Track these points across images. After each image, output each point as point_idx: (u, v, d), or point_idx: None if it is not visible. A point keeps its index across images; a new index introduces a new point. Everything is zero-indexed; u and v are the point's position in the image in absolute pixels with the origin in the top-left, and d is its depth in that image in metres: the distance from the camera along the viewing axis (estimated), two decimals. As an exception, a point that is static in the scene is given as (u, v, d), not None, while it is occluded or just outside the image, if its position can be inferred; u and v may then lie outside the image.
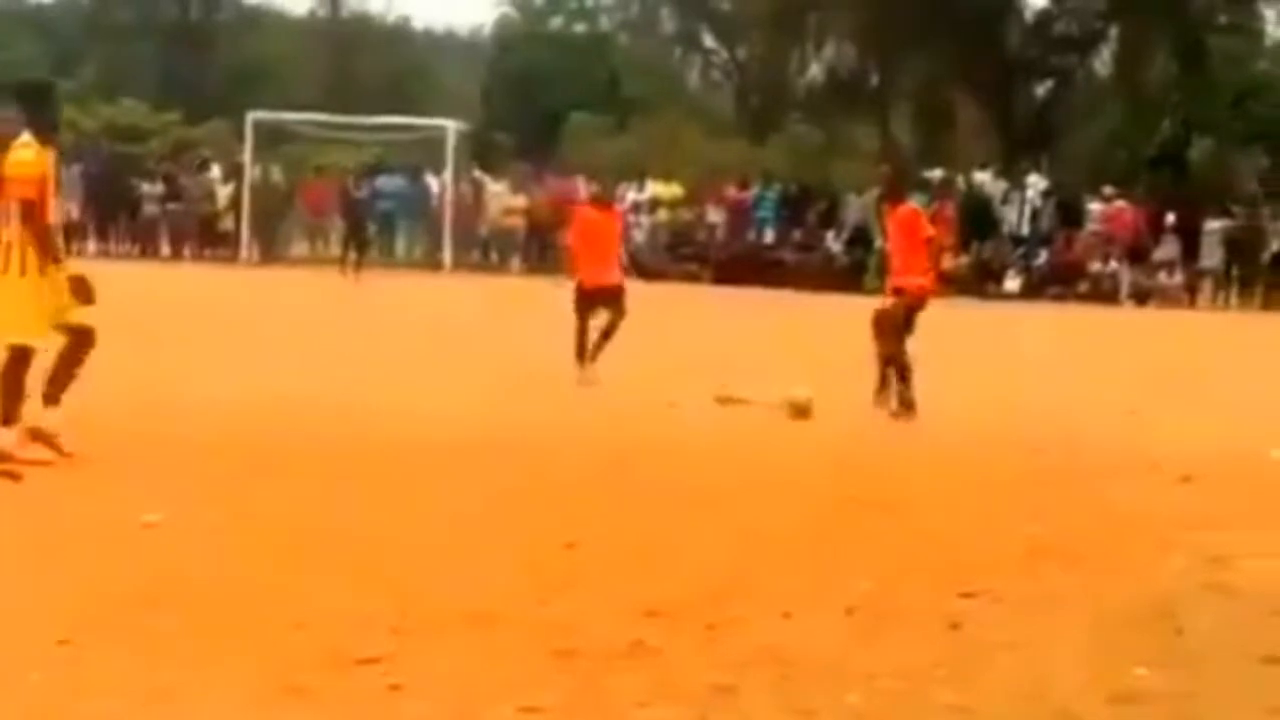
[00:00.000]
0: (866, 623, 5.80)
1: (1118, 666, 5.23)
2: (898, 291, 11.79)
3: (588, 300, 13.58)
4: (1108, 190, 29.51)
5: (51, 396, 8.28)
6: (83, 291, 8.25)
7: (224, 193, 32.18)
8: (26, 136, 8.24)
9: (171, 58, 53.18)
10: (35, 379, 8.29)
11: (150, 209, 31.59)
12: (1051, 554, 7.00)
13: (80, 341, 8.27)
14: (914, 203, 12.57)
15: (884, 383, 11.59)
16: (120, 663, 4.98)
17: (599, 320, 13.32)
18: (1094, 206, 29.40)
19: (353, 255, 28.59)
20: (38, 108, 8.46)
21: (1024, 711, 4.79)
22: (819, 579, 6.43)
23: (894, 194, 12.34)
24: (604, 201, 14.79)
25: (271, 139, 34.74)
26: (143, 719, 4.50)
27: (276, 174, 33.50)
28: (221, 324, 8.64)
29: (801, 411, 10.87)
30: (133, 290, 20.71)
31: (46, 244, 8.19)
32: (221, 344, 8.55)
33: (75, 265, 8.34)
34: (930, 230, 12.34)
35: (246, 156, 32.28)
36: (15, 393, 8.20)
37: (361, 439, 9.30)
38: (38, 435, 8.23)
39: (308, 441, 9.19)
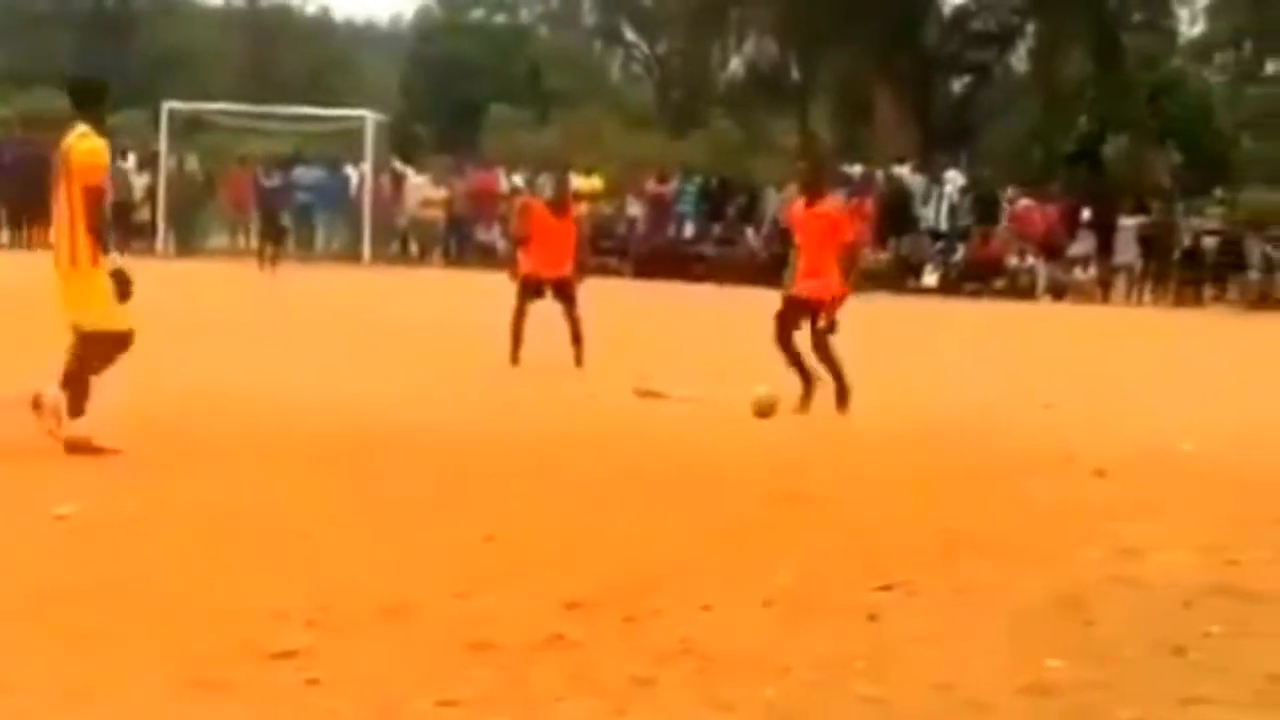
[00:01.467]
0: (785, 615, 5.83)
1: (1030, 658, 5.29)
2: (801, 299, 11.39)
3: (532, 289, 13.54)
4: (1010, 192, 29.71)
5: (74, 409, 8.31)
6: (123, 286, 8.32)
7: (140, 183, 31.82)
8: (85, 128, 8.34)
9: (87, 46, 52.53)
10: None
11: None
12: (967, 547, 7.06)
13: (98, 348, 8.33)
14: (835, 200, 12.22)
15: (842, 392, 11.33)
16: (32, 658, 4.93)
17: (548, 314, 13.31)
18: (1014, 201, 29.66)
19: (269, 247, 28.37)
20: (94, 103, 8.59)
21: (936, 703, 4.84)
22: (737, 572, 6.45)
23: (813, 190, 11.78)
24: (562, 206, 14.38)
25: (188, 129, 34.39)
26: (57, 715, 4.45)
27: (193, 164, 33.17)
28: (134, 316, 8.53)
29: (765, 410, 10.81)
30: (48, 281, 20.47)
31: (105, 235, 8.36)
32: (136, 336, 8.52)
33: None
34: (851, 234, 12.06)
35: (162, 146, 31.95)
36: (86, 386, 8.29)
37: (278, 431, 9.24)
38: (73, 447, 8.24)
39: (223, 434, 9.12)
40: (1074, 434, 10.69)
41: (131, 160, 32.62)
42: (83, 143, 8.28)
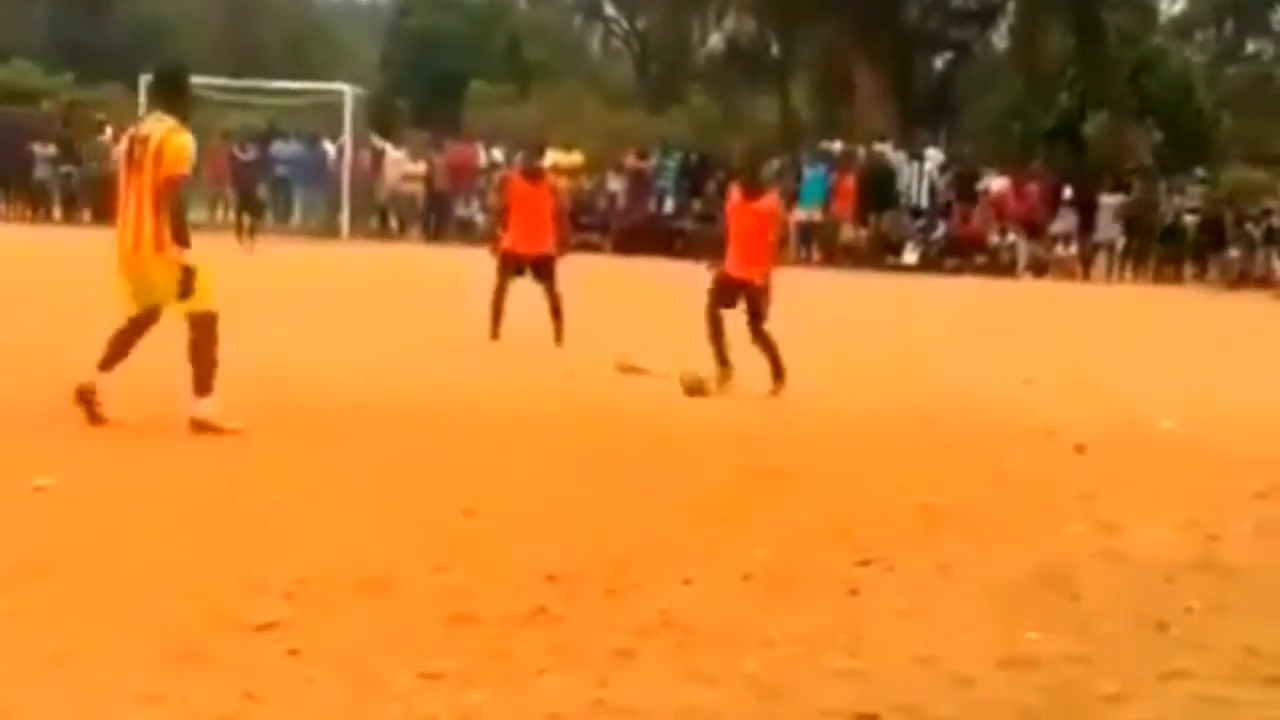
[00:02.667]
0: (764, 589, 5.83)
1: (1011, 631, 5.30)
2: (735, 279, 11.23)
3: (513, 265, 13.50)
4: (986, 177, 29.61)
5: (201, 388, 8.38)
6: (186, 282, 8.37)
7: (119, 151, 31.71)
8: (169, 120, 8.43)
9: (64, 18, 52.27)
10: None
11: (42, 172, 31.03)
12: (947, 522, 7.07)
13: (207, 327, 8.39)
14: (771, 197, 11.98)
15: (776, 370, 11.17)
16: (11, 629, 4.91)
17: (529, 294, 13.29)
18: (989, 183, 29.64)
19: (246, 222, 28.22)
20: (176, 93, 8.67)
21: (918, 676, 4.84)
22: (717, 546, 6.45)
23: (751, 184, 11.45)
24: (535, 173, 14.34)
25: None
26: (37, 685, 4.44)
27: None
28: (110, 290, 8.52)
29: (696, 389, 10.82)
30: (25, 254, 20.40)
31: (183, 225, 8.47)
32: (113, 311, 8.50)
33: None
34: (777, 235, 11.91)
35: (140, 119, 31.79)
36: (211, 361, 8.36)
37: (256, 405, 9.20)
38: (198, 427, 8.28)
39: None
40: (1054, 410, 10.71)
41: (109, 133, 32.46)
42: (176, 136, 8.38)
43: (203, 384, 8.36)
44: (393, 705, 4.42)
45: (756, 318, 11.19)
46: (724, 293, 11.33)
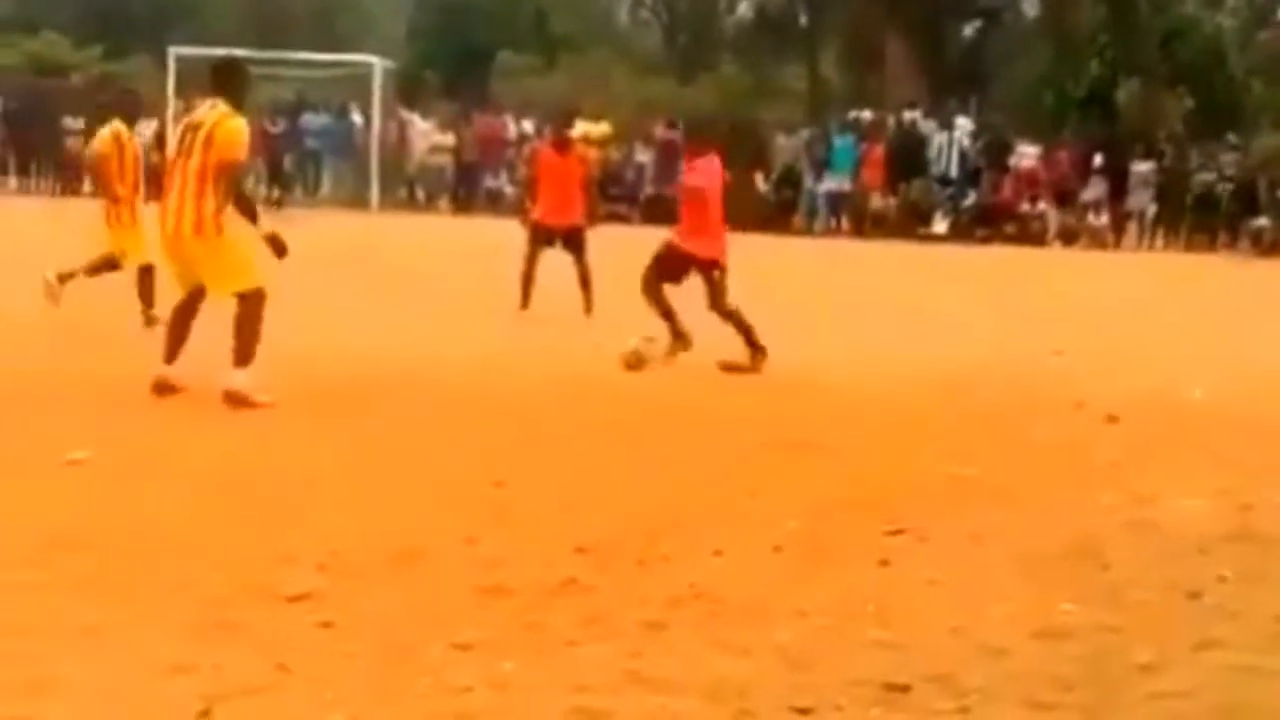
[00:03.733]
0: (795, 560, 5.83)
1: (1043, 602, 5.29)
2: (682, 253, 11.02)
3: (543, 237, 13.50)
4: (1016, 151, 29.38)
5: (241, 359, 8.54)
6: (279, 248, 8.76)
7: (148, 130, 31.69)
8: (226, 107, 8.67)
9: (93, -9, 52.28)
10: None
11: (72, 144, 31.07)
12: (978, 492, 7.05)
13: (254, 303, 8.58)
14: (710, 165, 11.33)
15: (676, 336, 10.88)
16: (46, 600, 4.94)
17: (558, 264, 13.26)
18: (1020, 156, 29.45)
19: (274, 193, 28.26)
20: (234, 85, 8.92)
21: (950, 646, 4.83)
22: (748, 518, 6.45)
23: (694, 150, 11.29)
24: (564, 143, 14.24)
25: (195, 74, 34.18)
26: (71, 656, 4.46)
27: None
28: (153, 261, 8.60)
29: (634, 364, 10.46)
30: (56, 227, 20.45)
31: (249, 203, 8.86)
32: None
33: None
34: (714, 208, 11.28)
35: (169, 92, 31.83)
36: (254, 335, 8.54)
37: (288, 378, 9.22)
38: (232, 398, 8.40)
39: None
40: (1084, 380, 10.65)
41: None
42: (228, 121, 8.61)
43: (243, 355, 8.48)
44: (424, 676, 4.43)
45: (712, 296, 10.83)
46: (670, 266, 11.09)
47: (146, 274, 11.60)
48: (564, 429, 8.32)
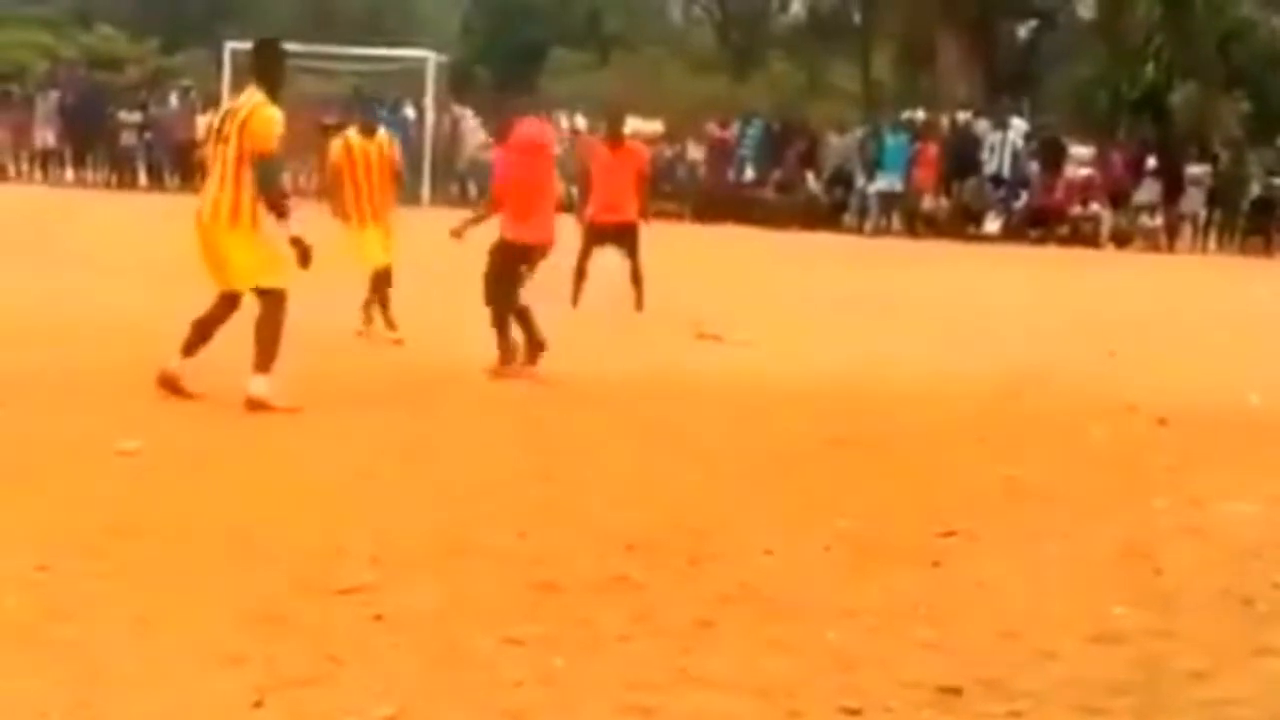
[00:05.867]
0: (845, 560, 5.81)
1: (1096, 606, 5.26)
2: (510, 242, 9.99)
3: (596, 235, 13.51)
4: (1070, 158, 29.15)
5: (261, 365, 8.26)
6: (303, 254, 8.29)
7: (203, 123, 31.87)
8: (261, 96, 8.40)
9: (150, -15, 52.58)
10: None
11: (128, 138, 31.30)
12: (1030, 494, 7.02)
13: (276, 305, 8.31)
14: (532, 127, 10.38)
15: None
16: (99, 589, 4.98)
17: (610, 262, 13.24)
18: (1076, 164, 29.25)
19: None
20: (268, 66, 8.65)
21: (1001, 649, 4.81)
22: (797, 517, 6.44)
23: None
24: (617, 139, 14.24)
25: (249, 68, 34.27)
26: (123, 645, 4.49)
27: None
28: (192, 256, 8.55)
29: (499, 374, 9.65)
30: (110, 221, 20.60)
31: (282, 202, 8.40)
32: (196, 278, 8.61)
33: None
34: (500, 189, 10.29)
35: (225, 86, 31.99)
36: (274, 339, 8.25)
37: (339, 370, 9.27)
38: (254, 405, 8.17)
39: (285, 373, 9.12)
40: (1137, 383, 10.58)
41: (173, 100, 32.70)
42: (263, 110, 8.33)
43: (263, 362, 8.22)
44: (475, 670, 4.44)
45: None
46: (508, 261, 10.03)
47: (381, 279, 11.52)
48: (614, 424, 8.33)
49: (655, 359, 10.81)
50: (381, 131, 12.43)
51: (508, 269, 9.89)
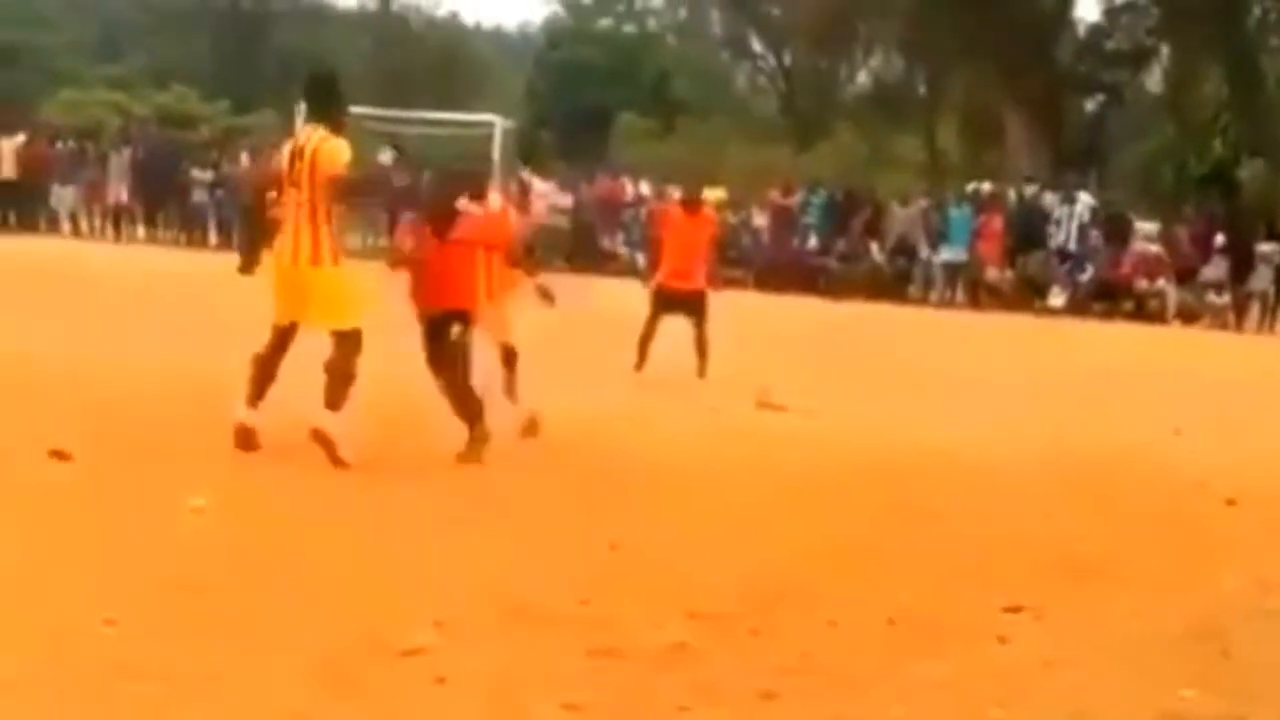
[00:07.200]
0: (909, 634, 5.77)
1: (1164, 687, 5.19)
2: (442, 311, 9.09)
3: (664, 302, 13.48)
4: (1136, 235, 29.03)
5: (332, 403, 8.33)
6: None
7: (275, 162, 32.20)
8: (321, 130, 8.48)
9: (222, 46, 53.43)
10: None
11: (199, 196, 31.65)
12: (1095, 571, 6.95)
13: (352, 345, 8.39)
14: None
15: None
16: (165, 646, 5.00)
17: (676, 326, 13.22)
18: (1142, 226, 29.13)
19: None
20: (327, 101, 8.70)
21: (1070, 728, 4.76)
22: (861, 588, 6.41)
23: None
24: (694, 203, 14.16)
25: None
26: (188, 703, 4.51)
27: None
28: (267, 313, 8.62)
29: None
30: (183, 276, 20.83)
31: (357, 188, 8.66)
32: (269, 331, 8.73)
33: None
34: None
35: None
36: (347, 379, 8.32)
37: (407, 431, 9.29)
38: (318, 437, 8.25)
39: (355, 433, 9.16)
40: (1204, 460, 10.49)
41: (244, 160, 33.04)
42: (328, 142, 8.40)
43: (333, 399, 8.28)
44: (537, 735, 4.44)
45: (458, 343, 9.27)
46: (437, 332, 9.18)
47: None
48: (678, 491, 8.32)
49: (717, 427, 10.80)
50: (493, 196, 10.79)
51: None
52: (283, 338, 8.60)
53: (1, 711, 4.37)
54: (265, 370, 8.55)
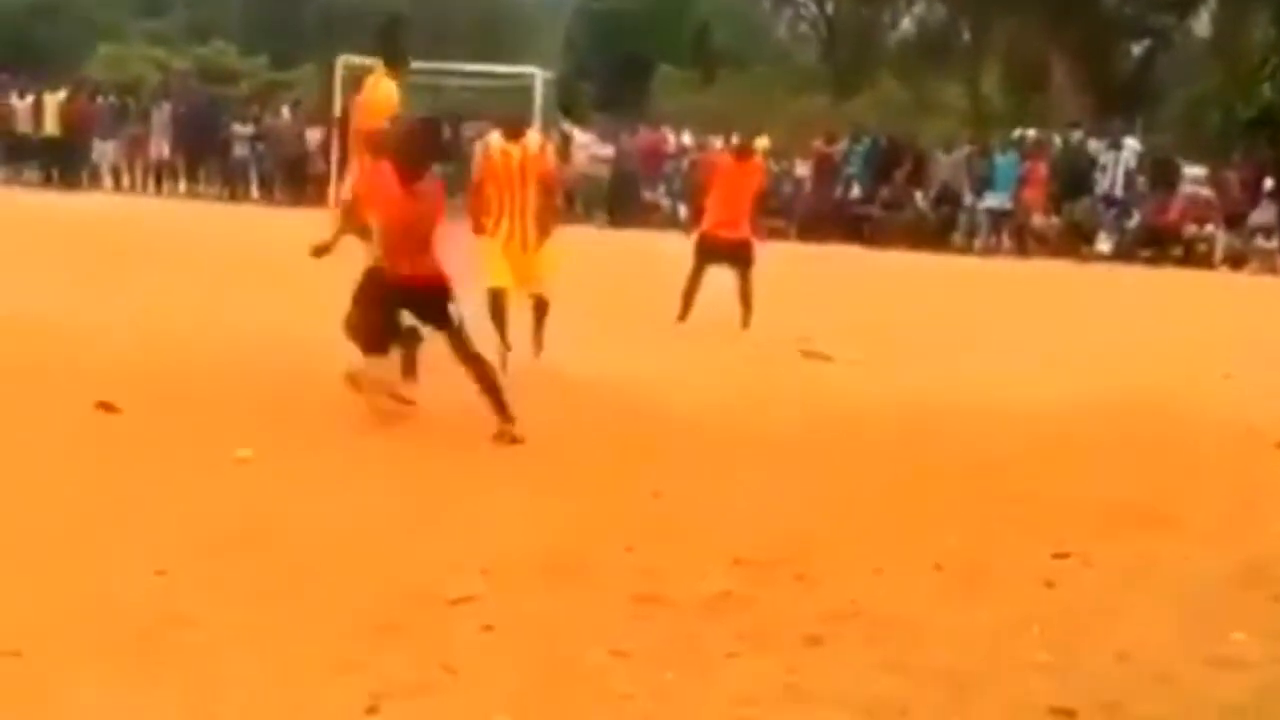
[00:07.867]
0: (956, 580, 5.76)
1: (1214, 631, 5.16)
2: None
3: (709, 251, 13.43)
4: (1190, 168, 28.74)
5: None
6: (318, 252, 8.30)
7: (314, 137, 32.24)
8: (381, 67, 8.72)
9: (261, 1, 53.34)
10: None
11: (240, 150, 31.72)
12: (1145, 517, 6.91)
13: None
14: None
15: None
16: (215, 595, 5.04)
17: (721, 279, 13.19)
18: (1189, 171, 28.84)
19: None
20: (385, 46, 8.96)
21: (1118, 672, 4.74)
22: (906, 535, 6.39)
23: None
24: (746, 151, 14.07)
25: (359, 85, 34.68)
26: (236, 652, 4.54)
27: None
28: (310, 266, 8.62)
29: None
30: (225, 231, 20.90)
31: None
32: (313, 284, 8.69)
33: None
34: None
35: (336, 100, 32.33)
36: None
37: (449, 387, 9.30)
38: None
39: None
40: (1254, 406, 10.39)
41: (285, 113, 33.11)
42: (378, 85, 8.59)
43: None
44: (585, 682, 4.45)
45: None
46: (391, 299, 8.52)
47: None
48: (721, 441, 8.30)
49: (762, 377, 10.77)
50: (532, 134, 10.89)
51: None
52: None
53: (52, 660, 4.41)
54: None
